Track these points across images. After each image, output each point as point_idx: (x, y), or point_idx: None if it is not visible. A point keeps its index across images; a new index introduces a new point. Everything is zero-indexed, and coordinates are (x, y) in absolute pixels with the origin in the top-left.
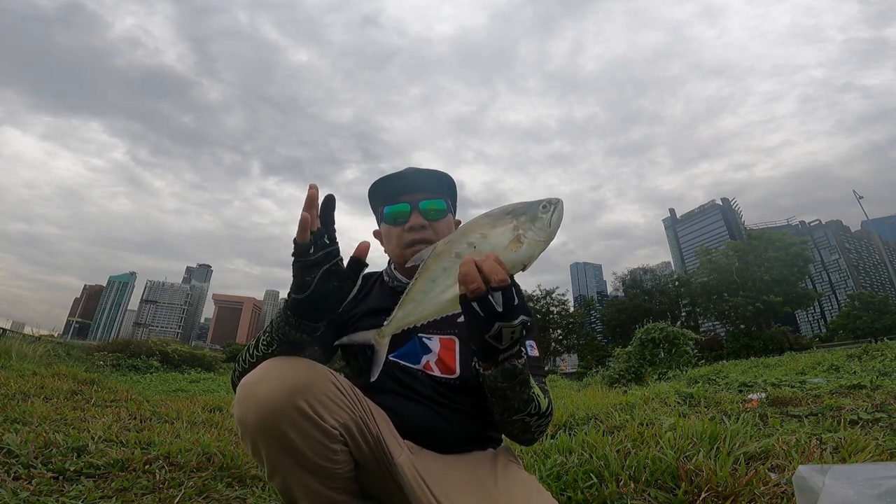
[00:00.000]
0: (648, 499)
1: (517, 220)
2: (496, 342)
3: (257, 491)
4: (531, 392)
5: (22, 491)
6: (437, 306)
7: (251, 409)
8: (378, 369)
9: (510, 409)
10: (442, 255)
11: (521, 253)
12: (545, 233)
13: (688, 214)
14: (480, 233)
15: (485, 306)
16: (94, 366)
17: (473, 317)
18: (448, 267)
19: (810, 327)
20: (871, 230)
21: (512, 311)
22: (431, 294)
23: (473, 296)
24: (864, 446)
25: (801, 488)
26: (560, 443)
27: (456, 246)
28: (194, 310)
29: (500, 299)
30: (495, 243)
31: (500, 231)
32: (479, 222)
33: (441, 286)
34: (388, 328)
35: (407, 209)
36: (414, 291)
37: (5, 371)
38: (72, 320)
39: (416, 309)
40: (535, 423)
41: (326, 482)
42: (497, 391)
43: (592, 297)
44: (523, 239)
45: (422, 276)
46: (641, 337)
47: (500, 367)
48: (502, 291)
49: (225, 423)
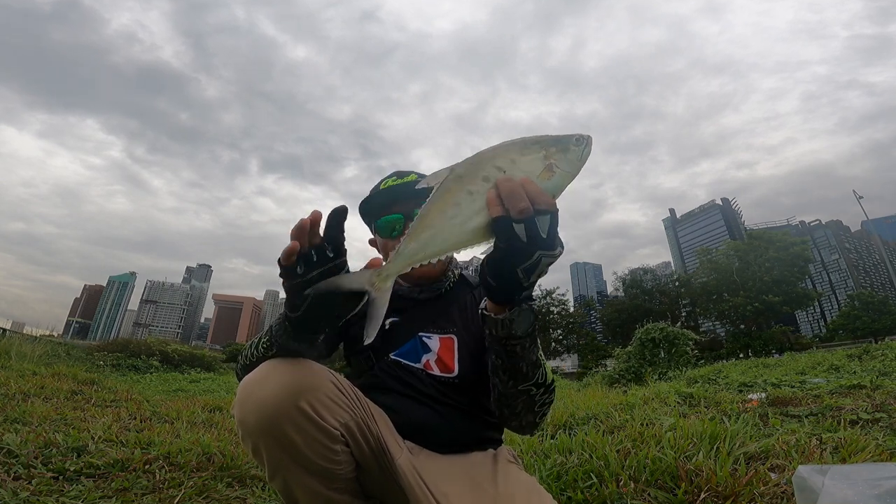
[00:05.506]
0: (648, 499)
1: (547, 150)
2: (525, 276)
3: (257, 491)
4: (539, 354)
5: (22, 491)
6: (461, 235)
7: (252, 410)
8: (376, 326)
9: (518, 375)
10: (466, 178)
11: (553, 183)
12: (574, 165)
13: (688, 214)
14: (509, 158)
15: (531, 230)
16: (94, 366)
17: (513, 242)
18: (475, 190)
19: (810, 327)
20: (872, 230)
21: (554, 240)
22: (456, 220)
23: (521, 217)
24: (864, 446)
25: (801, 488)
26: (560, 443)
27: (483, 169)
28: (194, 310)
29: (546, 225)
30: (527, 170)
31: (530, 158)
32: (505, 148)
33: (468, 211)
34: (392, 265)
35: (400, 219)
36: (431, 216)
37: (5, 371)
38: (72, 320)
39: (433, 239)
40: (541, 397)
41: (327, 483)
42: (507, 346)
43: (592, 297)
44: (555, 168)
45: (442, 198)
46: (641, 337)
47: (519, 307)
48: (550, 216)
49: (225, 423)
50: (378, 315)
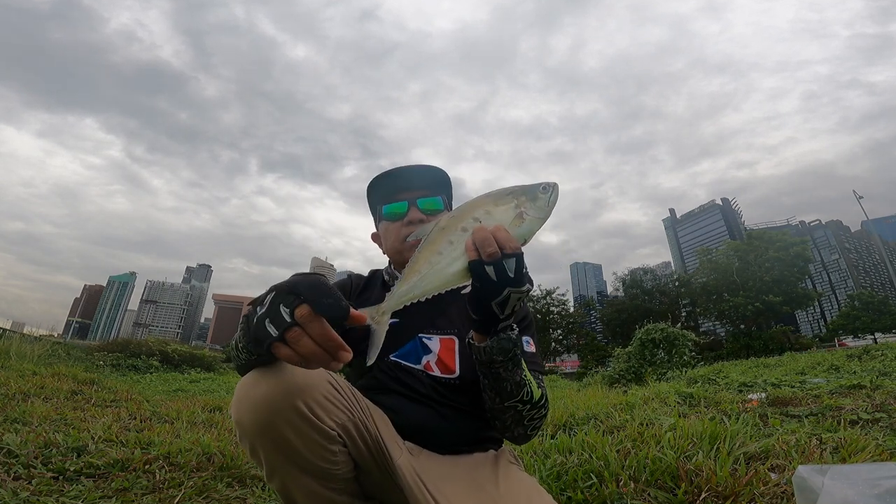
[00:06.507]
0: (648, 499)
1: (518, 200)
2: (499, 309)
3: (257, 491)
4: (523, 375)
5: (22, 491)
6: (444, 278)
7: (248, 410)
8: (376, 352)
9: (503, 393)
10: (447, 229)
11: (523, 228)
12: (544, 211)
13: (688, 214)
14: (484, 209)
15: (499, 271)
16: (94, 366)
17: (485, 282)
18: (454, 240)
19: (810, 327)
20: (871, 230)
21: (521, 278)
22: (438, 266)
23: (490, 260)
24: (864, 446)
25: (801, 488)
26: (560, 443)
27: (461, 221)
28: (194, 310)
29: (512, 266)
30: (500, 219)
31: (503, 209)
32: (481, 201)
33: (448, 258)
34: (388, 304)
35: (405, 207)
36: (419, 264)
37: (5, 371)
38: (72, 320)
39: (420, 282)
40: (528, 412)
41: (325, 483)
42: (491, 369)
43: (592, 297)
44: (525, 216)
45: (426, 248)
46: (641, 337)
47: (497, 336)
48: (516, 258)
49: (225, 423)
50: (378, 343)
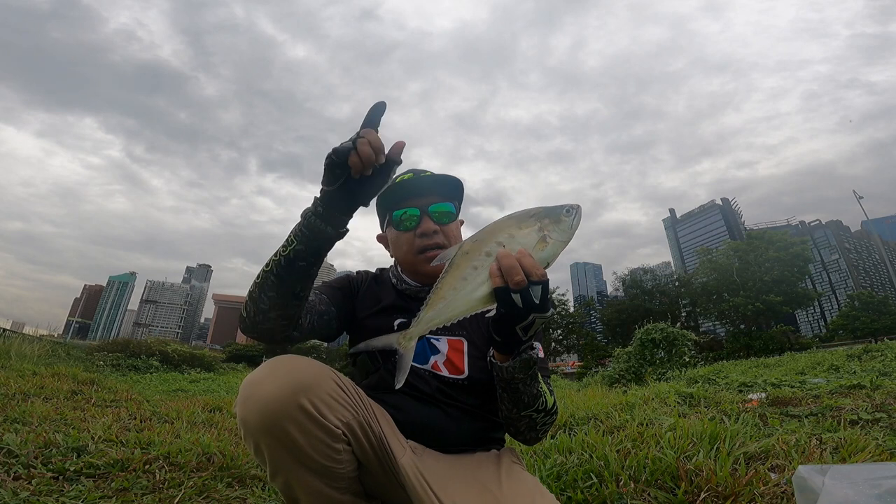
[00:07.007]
0: (648, 499)
1: (541, 223)
2: (523, 333)
3: (257, 491)
4: (539, 387)
5: (22, 491)
6: (469, 303)
7: (253, 408)
8: (404, 376)
9: (520, 404)
10: (471, 254)
11: (547, 252)
12: (567, 234)
13: (688, 214)
14: (508, 233)
15: (526, 298)
16: (94, 366)
17: (511, 308)
18: (479, 265)
19: (810, 327)
20: (872, 230)
21: (546, 304)
22: (464, 291)
23: (517, 288)
24: (864, 446)
25: (801, 488)
26: (560, 443)
27: (485, 245)
28: (194, 310)
29: (538, 293)
30: (523, 242)
31: (526, 232)
32: (504, 223)
33: (473, 283)
34: (415, 329)
35: (416, 213)
36: (444, 290)
37: (5, 371)
38: (72, 320)
39: (446, 308)
40: (542, 419)
41: (329, 482)
42: (511, 384)
43: (592, 297)
44: (548, 239)
45: (451, 273)
46: (641, 337)
47: (520, 357)
48: (542, 286)
49: (225, 423)
50: (405, 367)
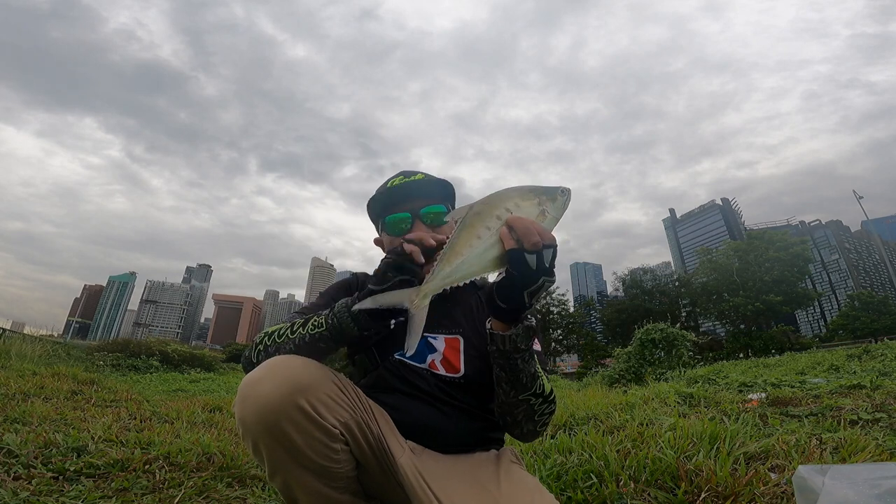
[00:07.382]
0: (648, 499)
1: (540, 198)
2: (530, 298)
3: (257, 491)
4: (537, 367)
5: (22, 491)
6: (482, 263)
7: (251, 408)
8: (416, 339)
9: (518, 385)
10: (482, 215)
11: (545, 224)
12: (560, 212)
13: (688, 214)
14: (514, 202)
15: (540, 260)
16: (94, 366)
17: (524, 270)
18: (491, 226)
19: (810, 327)
20: (872, 230)
21: (553, 268)
22: (478, 250)
23: (533, 249)
24: (864, 446)
25: (801, 488)
26: (560, 443)
27: (495, 209)
28: (194, 310)
29: (549, 256)
30: (527, 213)
31: (529, 204)
32: (509, 194)
33: (486, 243)
34: (430, 285)
35: (408, 217)
36: (460, 246)
37: (5, 371)
38: (72, 320)
39: (462, 265)
40: (540, 406)
41: (327, 482)
42: (511, 359)
43: (592, 297)
44: (546, 214)
45: (466, 231)
46: (641, 337)
47: (522, 324)
48: (553, 249)
49: (225, 423)
50: (417, 330)
